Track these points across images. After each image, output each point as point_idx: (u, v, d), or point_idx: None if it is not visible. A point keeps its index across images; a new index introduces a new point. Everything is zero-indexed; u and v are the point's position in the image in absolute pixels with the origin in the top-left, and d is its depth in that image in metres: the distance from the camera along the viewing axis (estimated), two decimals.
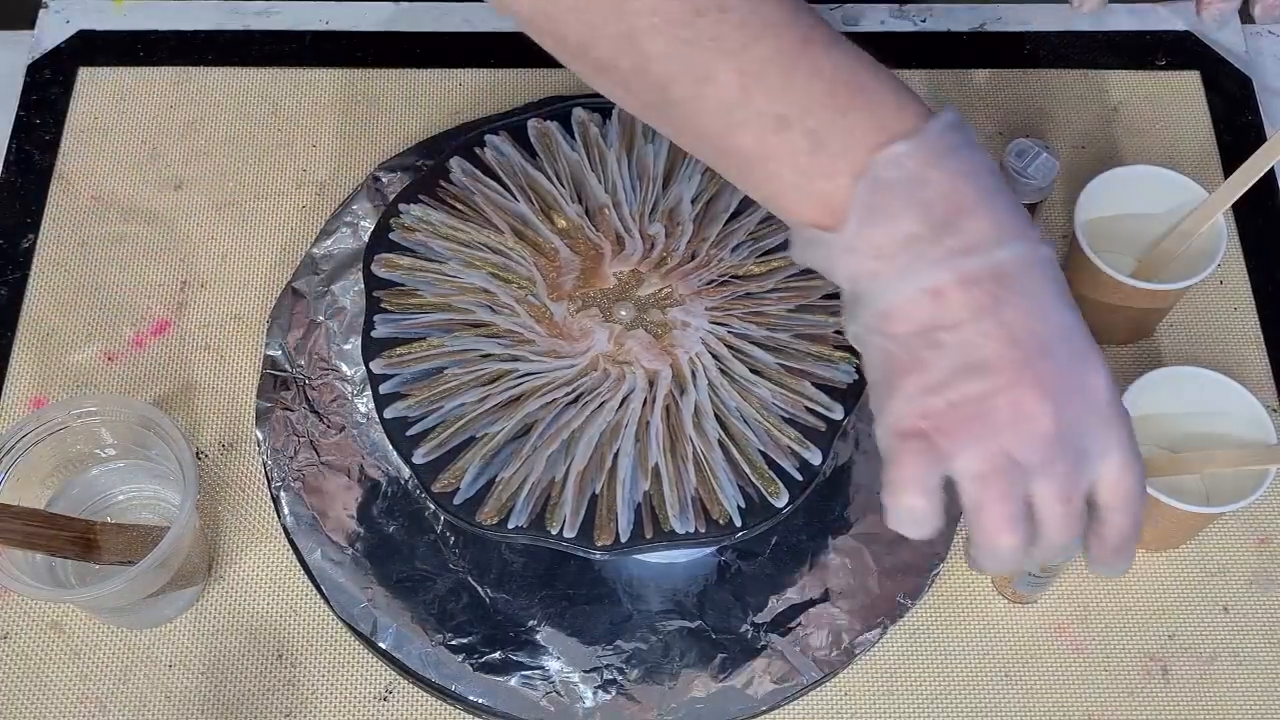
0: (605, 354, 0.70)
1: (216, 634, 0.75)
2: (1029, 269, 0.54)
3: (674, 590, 0.74)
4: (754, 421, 0.68)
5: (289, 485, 0.76)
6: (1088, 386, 0.55)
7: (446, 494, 0.66)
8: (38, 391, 0.81)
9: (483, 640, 0.73)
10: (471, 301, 0.71)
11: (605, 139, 0.76)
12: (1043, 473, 0.54)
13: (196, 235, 0.86)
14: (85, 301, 0.84)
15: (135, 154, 0.89)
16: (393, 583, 0.74)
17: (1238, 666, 0.74)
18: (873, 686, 0.74)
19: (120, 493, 0.76)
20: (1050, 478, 0.55)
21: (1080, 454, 0.55)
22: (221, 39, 0.93)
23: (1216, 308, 0.85)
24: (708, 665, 0.72)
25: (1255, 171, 0.75)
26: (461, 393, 0.69)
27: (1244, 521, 0.78)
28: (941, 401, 0.54)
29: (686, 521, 0.66)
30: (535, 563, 0.75)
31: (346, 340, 0.80)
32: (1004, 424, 0.54)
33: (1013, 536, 0.55)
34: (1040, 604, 0.76)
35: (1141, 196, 0.81)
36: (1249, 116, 0.91)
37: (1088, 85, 0.92)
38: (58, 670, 0.74)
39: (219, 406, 0.81)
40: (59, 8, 0.94)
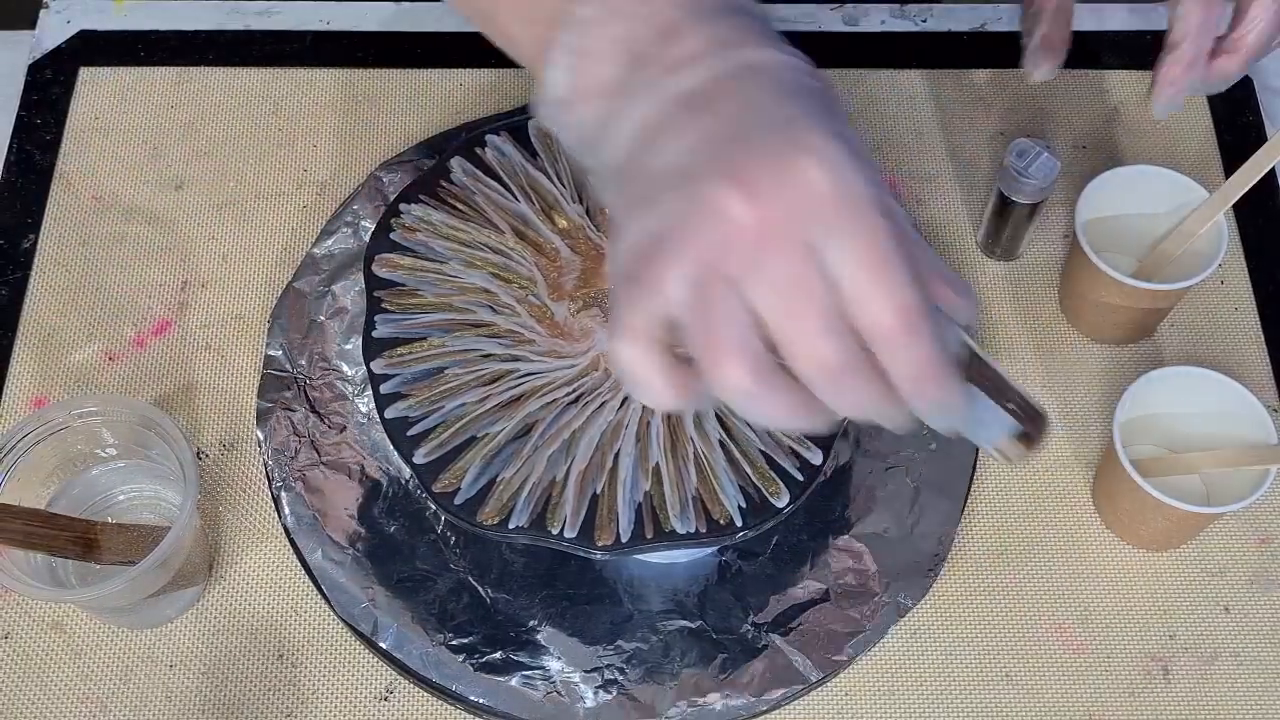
0: (606, 354, 0.70)
1: (217, 634, 0.75)
2: (748, 76, 0.49)
3: (675, 590, 0.74)
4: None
5: (290, 485, 0.76)
6: (800, 173, 0.46)
7: (447, 494, 0.66)
8: (38, 391, 0.81)
9: (483, 640, 0.73)
10: (472, 301, 0.71)
11: None
12: (757, 280, 0.47)
13: (197, 235, 0.86)
14: (86, 301, 0.84)
15: (136, 154, 0.89)
16: (393, 583, 0.74)
17: (1239, 667, 0.74)
18: (873, 687, 0.74)
19: (121, 493, 0.76)
20: (765, 284, 0.46)
21: (805, 249, 0.46)
22: (222, 39, 0.93)
23: (1217, 308, 0.85)
24: (708, 665, 0.72)
25: (1256, 171, 0.75)
26: (462, 393, 0.69)
27: (1245, 521, 0.78)
28: (648, 233, 0.48)
29: (687, 521, 0.66)
30: (536, 563, 0.75)
31: (347, 340, 0.80)
32: (702, 233, 0.47)
33: (738, 367, 0.47)
34: (1040, 604, 0.76)
35: (1142, 196, 0.81)
36: (1250, 116, 0.91)
37: (1088, 85, 0.92)
38: (58, 670, 0.74)
39: (220, 406, 0.81)
40: (59, 8, 0.94)
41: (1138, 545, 0.77)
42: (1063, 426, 0.81)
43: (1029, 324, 0.84)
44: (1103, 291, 0.78)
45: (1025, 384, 0.81)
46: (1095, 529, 0.78)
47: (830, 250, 0.47)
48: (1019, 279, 0.85)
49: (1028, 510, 0.79)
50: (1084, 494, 0.79)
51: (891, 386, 0.48)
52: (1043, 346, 0.83)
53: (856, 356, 0.47)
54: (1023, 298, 0.85)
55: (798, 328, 0.47)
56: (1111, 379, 0.82)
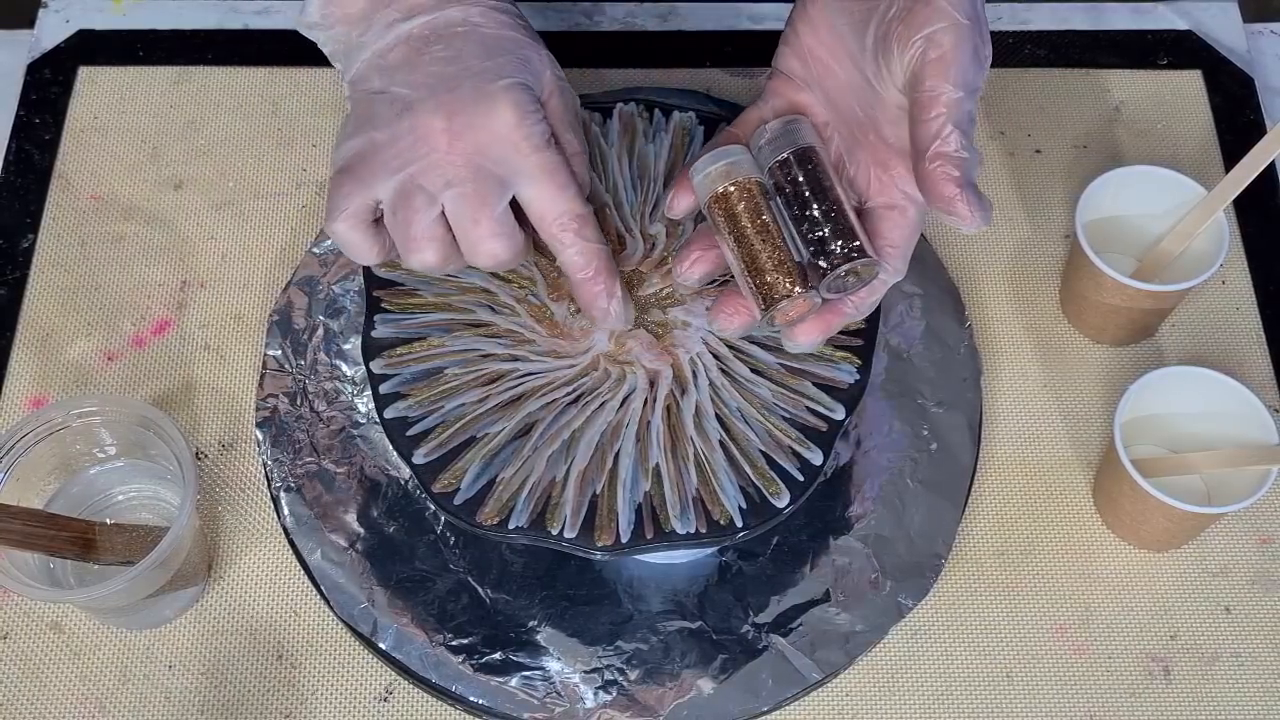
0: (606, 354, 0.70)
1: (216, 635, 0.75)
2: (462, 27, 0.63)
3: (675, 591, 0.74)
4: (755, 421, 0.68)
5: (289, 485, 0.76)
6: (492, 119, 0.61)
7: (447, 494, 0.66)
8: (37, 391, 0.81)
9: (483, 641, 0.73)
10: (472, 301, 0.71)
11: (606, 138, 0.75)
12: (447, 196, 0.62)
13: (196, 235, 0.86)
14: (85, 301, 0.84)
15: (135, 153, 0.89)
16: (393, 583, 0.74)
17: (1239, 667, 0.74)
18: (874, 687, 0.74)
19: (120, 493, 0.76)
20: (452, 200, 0.62)
21: (496, 181, 0.62)
22: (221, 38, 0.93)
23: (1218, 308, 0.84)
24: (708, 666, 0.72)
25: (1253, 168, 0.75)
26: (462, 393, 0.68)
27: (1246, 521, 0.78)
28: (368, 142, 0.63)
29: (687, 522, 0.66)
30: (536, 563, 0.75)
31: (346, 340, 0.80)
32: (410, 151, 0.62)
33: (425, 254, 0.63)
34: (1041, 604, 0.76)
35: (1143, 196, 0.81)
36: (1251, 116, 0.91)
37: (1088, 85, 0.92)
38: (57, 671, 0.74)
39: (219, 406, 0.81)
40: (59, 7, 0.94)
41: (1139, 545, 0.77)
42: (1063, 426, 0.81)
43: (1029, 324, 0.84)
44: (1103, 292, 0.78)
45: (1027, 387, 0.82)
46: (1096, 529, 0.78)
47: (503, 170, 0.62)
48: (1019, 279, 0.85)
49: (1028, 510, 0.79)
50: (1084, 494, 0.79)
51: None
52: (1043, 346, 0.83)
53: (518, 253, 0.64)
54: (1023, 298, 0.85)
55: (476, 232, 0.62)
56: (1112, 379, 0.82)
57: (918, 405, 0.79)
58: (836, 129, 0.65)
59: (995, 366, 0.82)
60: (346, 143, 0.64)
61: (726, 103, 0.86)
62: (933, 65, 0.59)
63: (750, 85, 0.91)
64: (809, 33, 0.65)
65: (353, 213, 0.63)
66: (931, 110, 0.59)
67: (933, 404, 0.79)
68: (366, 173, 0.62)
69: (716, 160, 0.63)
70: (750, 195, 0.62)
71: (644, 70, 0.91)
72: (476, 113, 0.62)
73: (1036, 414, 0.81)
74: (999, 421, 0.81)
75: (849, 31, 0.63)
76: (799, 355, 0.70)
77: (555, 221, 0.63)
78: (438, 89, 0.62)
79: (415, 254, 0.63)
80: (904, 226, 0.63)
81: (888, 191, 0.63)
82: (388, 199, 0.63)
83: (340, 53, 0.66)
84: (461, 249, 0.63)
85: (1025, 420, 0.81)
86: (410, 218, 0.62)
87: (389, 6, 0.64)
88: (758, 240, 0.62)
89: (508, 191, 0.62)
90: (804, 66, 0.65)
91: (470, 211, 0.62)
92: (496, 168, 0.62)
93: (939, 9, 0.59)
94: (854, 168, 0.64)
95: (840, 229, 0.61)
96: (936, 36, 0.59)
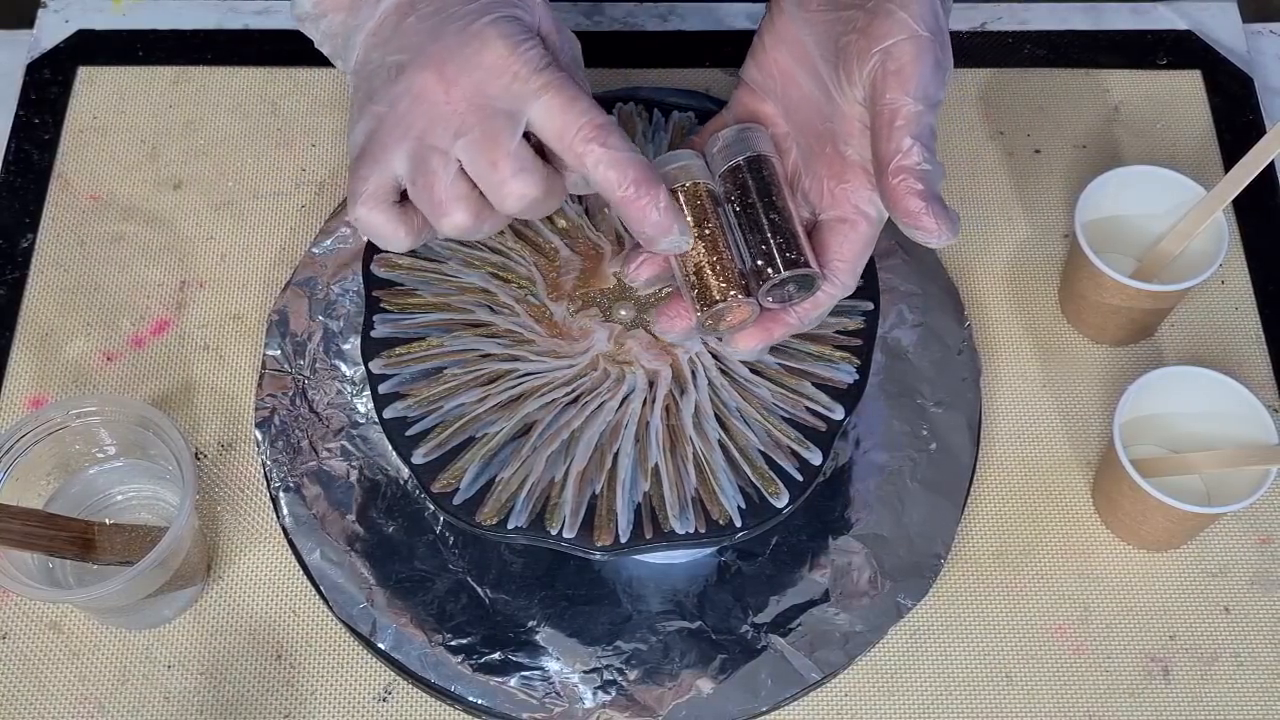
0: (605, 354, 0.70)
1: (215, 634, 0.75)
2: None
3: (674, 591, 0.74)
4: (754, 421, 0.68)
5: (288, 485, 0.76)
6: (483, 54, 0.58)
7: (446, 494, 0.66)
8: (37, 391, 0.81)
9: (482, 641, 0.73)
10: (471, 301, 0.71)
11: None
12: (459, 147, 0.58)
13: (196, 235, 0.86)
14: (84, 301, 0.84)
15: (134, 153, 0.89)
16: (392, 583, 0.74)
17: (1239, 667, 0.74)
18: (873, 687, 0.74)
19: (119, 493, 0.76)
20: (465, 149, 0.58)
21: (504, 116, 0.58)
22: (221, 38, 0.93)
23: (1218, 308, 0.84)
24: (708, 666, 0.72)
25: (1252, 169, 0.75)
26: (461, 393, 0.68)
27: (1245, 522, 0.78)
28: (373, 118, 0.60)
29: (686, 522, 0.66)
30: (535, 563, 0.75)
31: (346, 340, 0.80)
32: (412, 114, 0.59)
33: (455, 215, 0.59)
34: (1040, 604, 0.76)
35: (1142, 196, 0.81)
36: (1250, 116, 0.91)
37: (1088, 85, 0.92)
38: (56, 671, 0.74)
39: (218, 406, 0.81)
40: (58, 7, 0.94)
41: (1138, 545, 0.77)
42: (1062, 426, 0.81)
43: (1029, 324, 0.84)
44: (1103, 292, 0.78)
45: (1027, 387, 0.82)
46: (1095, 529, 0.78)
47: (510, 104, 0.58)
48: (1018, 279, 0.85)
49: (1028, 510, 0.78)
50: (1084, 494, 0.79)
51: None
52: (1043, 346, 0.83)
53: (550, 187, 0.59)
54: (1022, 297, 0.85)
55: (496, 175, 0.58)
56: (1111, 379, 0.82)
57: (917, 405, 0.79)
58: (796, 140, 0.65)
59: (995, 366, 0.82)
60: (354, 128, 0.61)
61: (726, 103, 0.86)
62: (892, 78, 0.59)
63: None
64: (774, 44, 0.65)
65: (371, 193, 0.59)
66: (892, 124, 0.59)
67: (932, 404, 0.79)
68: (377, 148, 0.59)
69: (666, 164, 0.63)
70: (697, 199, 0.62)
71: (644, 70, 0.91)
72: (466, 54, 0.58)
73: (1036, 414, 0.81)
74: (998, 421, 0.81)
75: (813, 44, 0.62)
76: (798, 355, 0.70)
77: (576, 136, 0.58)
78: (425, 44, 0.59)
79: (445, 218, 0.59)
80: (854, 241, 0.63)
81: (840, 205, 0.63)
82: (405, 171, 0.59)
83: (340, 46, 0.64)
84: (490, 199, 0.59)
85: (1025, 420, 0.81)
86: (430, 182, 0.58)
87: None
88: (700, 244, 0.62)
89: (518, 124, 0.58)
90: (768, 77, 0.65)
91: (486, 156, 0.58)
92: (500, 102, 0.58)
93: (899, 21, 0.59)
94: (809, 180, 0.64)
95: (783, 238, 0.62)
96: (895, 49, 0.59)
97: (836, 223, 0.63)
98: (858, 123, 0.62)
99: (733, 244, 0.62)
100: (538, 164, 0.59)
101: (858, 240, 0.63)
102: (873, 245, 0.64)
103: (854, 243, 0.63)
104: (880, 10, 0.60)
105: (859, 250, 0.63)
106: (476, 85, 0.58)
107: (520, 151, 0.58)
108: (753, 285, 0.62)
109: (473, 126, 0.58)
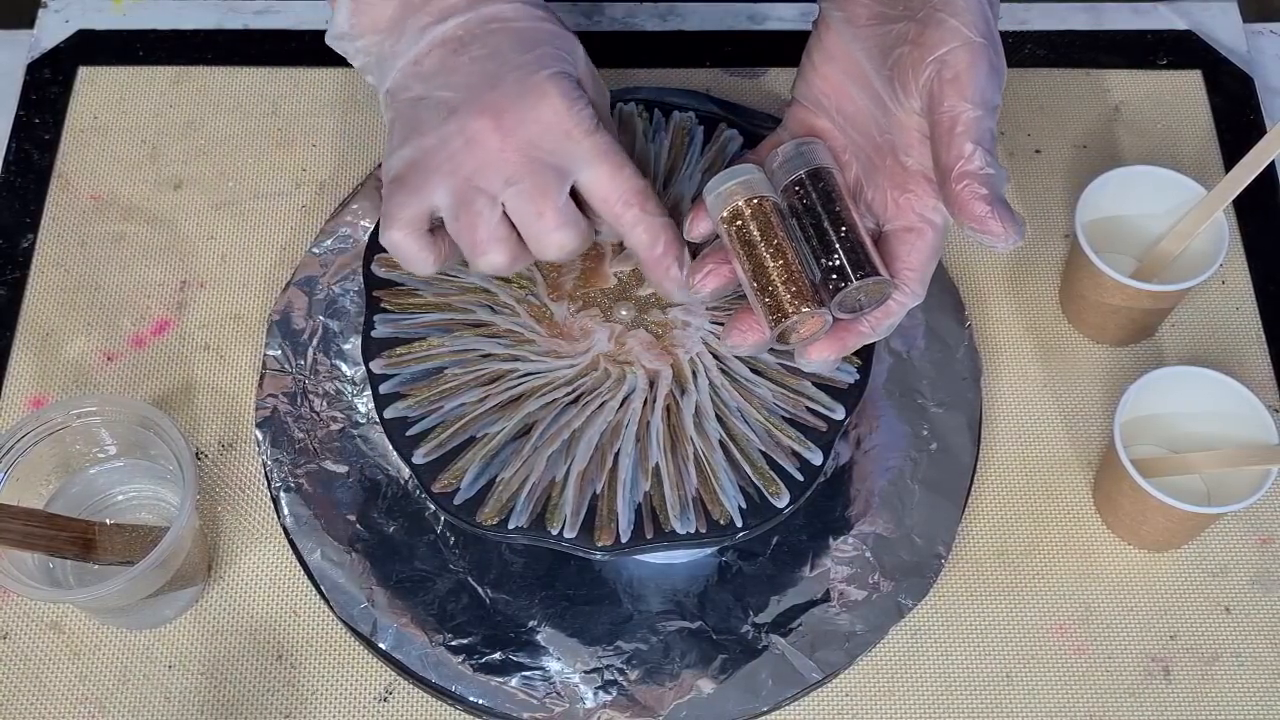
0: (606, 354, 0.70)
1: (216, 635, 0.75)
2: (496, 24, 0.62)
3: (674, 591, 0.74)
4: (755, 421, 0.68)
5: (289, 485, 0.76)
6: (540, 110, 0.61)
7: (446, 494, 0.66)
8: (37, 391, 0.81)
9: (483, 641, 0.73)
10: (471, 301, 0.71)
11: None
12: (508, 194, 0.61)
13: (196, 235, 0.86)
14: (85, 301, 0.84)
15: (135, 153, 0.89)
16: (393, 583, 0.74)
17: (1239, 667, 0.74)
18: (874, 687, 0.74)
19: (120, 493, 0.76)
20: (514, 197, 0.61)
21: (554, 171, 0.61)
22: (221, 38, 0.93)
23: (1218, 307, 0.84)
24: (708, 666, 0.72)
25: (1252, 169, 0.75)
26: (461, 393, 0.68)
27: (1246, 522, 0.78)
28: (418, 149, 0.62)
29: (687, 522, 0.66)
30: (535, 563, 0.75)
31: (346, 340, 0.80)
32: (463, 155, 0.61)
33: (493, 255, 0.62)
34: (1041, 604, 0.76)
35: (1143, 196, 0.81)
36: (1250, 116, 0.91)
37: (1088, 85, 0.92)
38: (57, 671, 0.74)
39: (219, 406, 0.81)
40: (58, 7, 0.94)
41: (1138, 545, 0.77)
42: (1063, 426, 0.81)
43: (1029, 324, 0.84)
44: (1103, 292, 0.78)
45: (1027, 387, 0.82)
46: (1096, 529, 0.78)
47: (559, 160, 0.61)
48: (1019, 279, 0.85)
49: (1028, 510, 0.79)
50: (1084, 494, 0.79)
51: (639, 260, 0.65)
52: (1043, 346, 0.83)
53: (585, 240, 0.63)
54: (1023, 298, 0.85)
55: (541, 225, 0.62)
56: (1112, 379, 0.82)
57: (918, 405, 0.79)
58: (854, 154, 0.65)
59: (995, 366, 0.82)
60: (397, 153, 0.63)
61: (726, 103, 0.86)
62: (949, 85, 0.59)
63: (750, 85, 0.91)
64: (825, 61, 0.65)
65: (408, 221, 0.62)
66: (952, 130, 0.59)
67: (933, 404, 0.79)
68: (420, 181, 0.62)
69: (729, 179, 0.63)
70: (762, 213, 0.62)
71: (644, 70, 0.91)
72: (524, 106, 0.61)
73: (1036, 414, 0.81)
74: (999, 421, 0.81)
75: (865, 58, 0.63)
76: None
77: (620, 201, 0.62)
78: (480, 88, 0.61)
79: (483, 257, 0.62)
80: (921, 249, 0.63)
81: (905, 214, 0.63)
82: (446, 205, 0.62)
83: (373, 64, 0.65)
84: (528, 244, 0.63)
85: (1025, 420, 0.81)
86: (474, 221, 0.61)
87: (420, 11, 0.63)
88: (769, 258, 0.62)
89: (567, 180, 0.62)
90: (820, 94, 0.65)
91: (533, 206, 0.61)
92: (552, 158, 0.61)
93: (951, 29, 0.59)
94: (872, 191, 0.64)
95: (851, 248, 0.61)
96: (949, 57, 0.59)
97: (903, 232, 0.63)
98: (916, 133, 0.62)
99: (800, 257, 0.63)
100: (579, 218, 0.63)
101: (925, 248, 0.63)
102: (939, 252, 0.64)
103: (921, 251, 0.63)
104: (931, 19, 0.60)
105: (927, 258, 0.63)
106: (531, 139, 0.61)
107: (567, 206, 0.62)
108: (824, 296, 0.62)
109: (524, 177, 0.61)
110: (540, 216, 0.61)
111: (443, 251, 0.64)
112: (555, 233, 0.62)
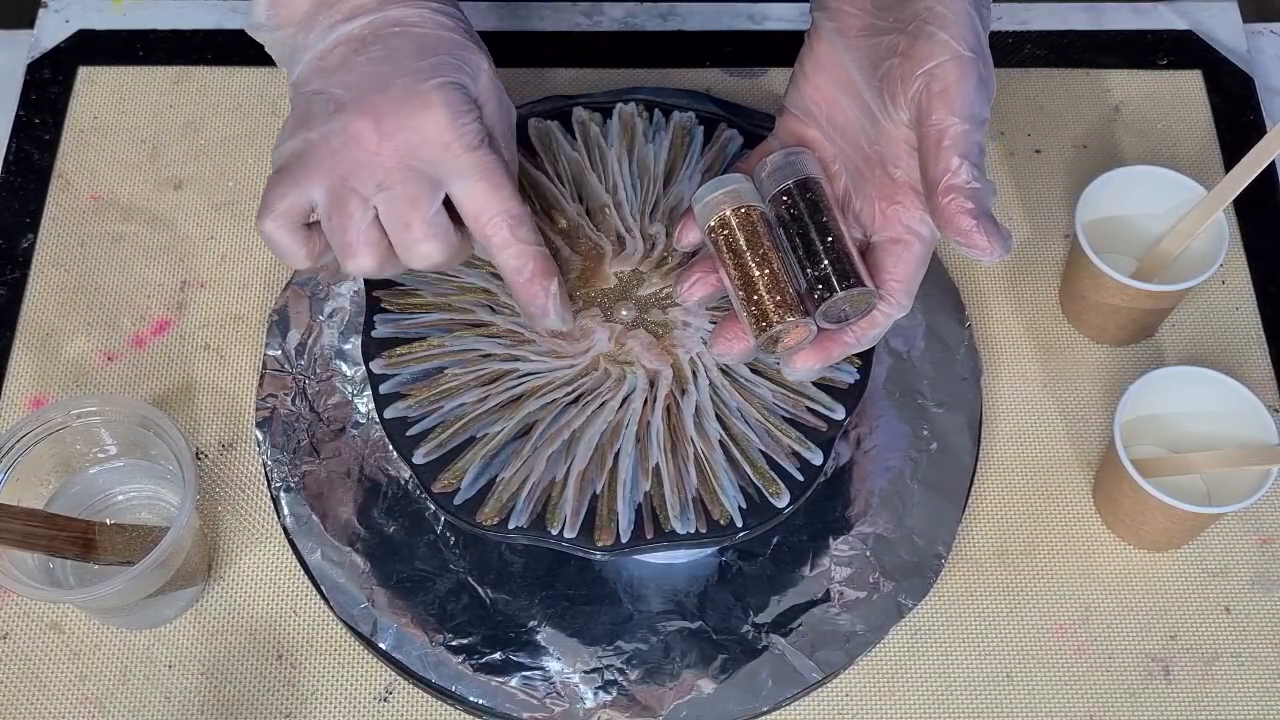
0: (606, 354, 0.70)
1: (216, 634, 0.75)
2: (399, 28, 0.62)
3: (674, 591, 0.74)
4: (755, 421, 0.68)
5: (289, 485, 0.76)
6: (423, 119, 0.60)
7: (446, 494, 0.66)
8: (37, 391, 0.81)
9: (483, 641, 0.73)
10: (471, 301, 0.71)
11: (605, 138, 0.76)
12: (379, 198, 0.61)
13: (196, 235, 0.86)
14: (85, 301, 0.84)
15: (135, 153, 0.89)
16: (393, 583, 0.74)
17: (1239, 667, 0.74)
18: (874, 687, 0.74)
19: (120, 493, 0.76)
20: (384, 202, 0.61)
21: (428, 182, 0.61)
22: (221, 38, 0.93)
23: (1218, 307, 0.84)
24: (708, 666, 0.72)
25: (1252, 169, 0.75)
26: (461, 393, 0.68)
27: (1246, 522, 0.78)
28: (304, 143, 0.62)
29: (687, 522, 0.66)
30: (535, 563, 0.75)
31: (346, 340, 0.80)
32: (342, 153, 0.61)
33: (361, 259, 0.62)
34: (1041, 604, 0.76)
35: (1143, 196, 0.81)
36: (1251, 116, 0.91)
37: (1088, 85, 0.92)
38: (57, 671, 0.74)
39: (219, 406, 0.81)
40: (58, 7, 0.94)
41: (1138, 545, 0.77)
42: (1063, 426, 0.81)
43: (1029, 324, 0.84)
44: (1103, 292, 0.78)
45: (1027, 387, 0.82)
46: (1096, 529, 0.78)
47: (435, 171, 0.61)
48: (1019, 279, 0.85)
49: (1028, 510, 0.79)
50: (1084, 494, 0.79)
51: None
52: (1043, 346, 0.83)
53: (457, 250, 0.63)
54: (1023, 298, 0.85)
55: (408, 235, 0.62)
56: (1112, 379, 0.82)
57: (918, 405, 0.79)
58: (844, 164, 0.65)
59: (995, 366, 0.82)
60: (285, 144, 0.63)
61: (727, 103, 0.86)
62: (938, 99, 0.59)
63: (750, 85, 0.91)
64: (815, 71, 0.65)
65: (283, 213, 0.62)
66: (940, 144, 0.59)
67: (933, 404, 0.79)
68: (301, 173, 0.62)
69: (717, 188, 0.63)
70: (749, 222, 0.63)
71: (644, 70, 0.91)
72: (406, 113, 0.61)
73: (1036, 414, 0.81)
74: (999, 421, 0.81)
75: (855, 69, 0.63)
76: None
77: (490, 222, 0.62)
78: (369, 89, 0.61)
79: (351, 259, 0.62)
80: (908, 261, 0.63)
81: (893, 226, 0.63)
82: (322, 202, 0.62)
83: (285, 56, 0.66)
84: (397, 251, 0.63)
85: (1025, 420, 0.81)
86: (345, 223, 0.61)
87: (332, 8, 0.63)
88: (755, 267, 0.62)
89: (439, 192, 0.62)
90: (811, 104, 0.66)
91: (401, 214, 0.61)
92: (428, 169, 0.61)
93: (940, 43, 0.60)
94: (860, 202, 0.64)
95: (837, 258, 0.62)
96: (938, 71, 0.59)
97: (890, 243, 0.63)
98: (905, 145, 0.62)
99: (786, 267, 0.63)
100: (449, 231, 0.62)
101: (911, 260, 0.63)
102: (926, 264, 0.64)
103: (908, 262, 0.63)
104: (921, 33, 0.60)
105: (913, 269, 0.63)
106: (409, 145, 0.61)
107: (436, 219, 0.62)
108: (809, 306, 0.62)
109: (396, 184, 0.61)
110: (408, 226, 0.61)
111: (317, 248, 0.63)
112: (422, 244, 0.62)
